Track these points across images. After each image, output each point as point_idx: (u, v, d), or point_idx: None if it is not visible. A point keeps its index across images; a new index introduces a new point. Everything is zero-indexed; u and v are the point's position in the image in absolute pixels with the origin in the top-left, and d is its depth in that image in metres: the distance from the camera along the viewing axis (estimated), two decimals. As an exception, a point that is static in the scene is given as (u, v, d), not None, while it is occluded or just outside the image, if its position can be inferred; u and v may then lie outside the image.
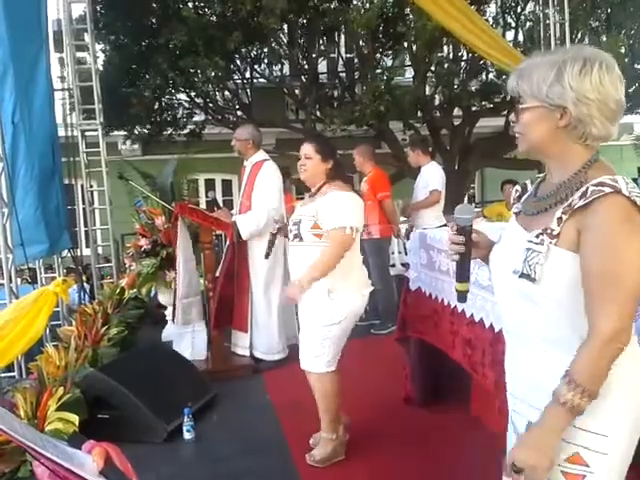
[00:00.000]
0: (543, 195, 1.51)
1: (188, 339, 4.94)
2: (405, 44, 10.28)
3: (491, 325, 2.80)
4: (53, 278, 5.03)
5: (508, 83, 1.51)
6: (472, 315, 3.00)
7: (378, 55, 11.15)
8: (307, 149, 3.28)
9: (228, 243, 5.11)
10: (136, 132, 11.38)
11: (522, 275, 1.44)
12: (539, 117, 1.44)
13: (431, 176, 5.98)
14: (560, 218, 1.40)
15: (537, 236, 1.42)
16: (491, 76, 11.07)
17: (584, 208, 1.36)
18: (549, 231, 1.40)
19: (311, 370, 3.22)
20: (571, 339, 1.42)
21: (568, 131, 1.42)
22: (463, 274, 1.68)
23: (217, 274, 5.14)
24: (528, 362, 1.53)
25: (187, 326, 4.97)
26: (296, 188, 13.13)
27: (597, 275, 1.34)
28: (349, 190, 3.24)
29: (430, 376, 3.84)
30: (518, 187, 1.67)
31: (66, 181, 6.64)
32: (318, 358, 3.17)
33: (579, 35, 9.70)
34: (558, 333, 1.45)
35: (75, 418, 3.30)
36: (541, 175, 1.62)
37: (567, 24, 7.69)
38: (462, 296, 1.71)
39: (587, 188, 1.36)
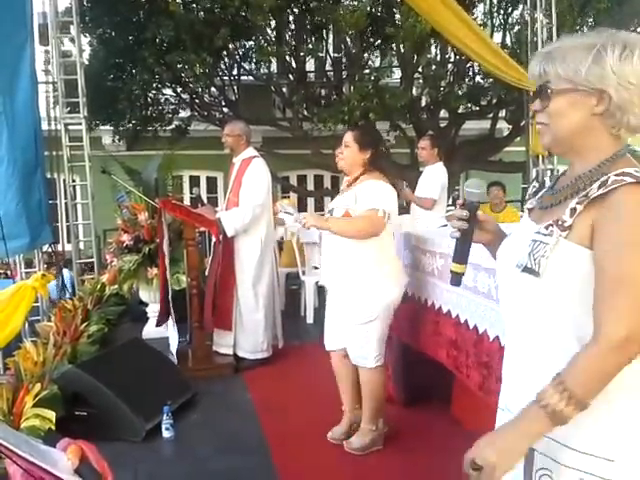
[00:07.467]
0: (560, 187, 1.38)
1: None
2: (393, 45, 10.29)
3: (475, 326, 2.78)
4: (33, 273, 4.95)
5: (531, 68, 1.37)
6: (457, 316, 2.99)
7: (366, 55, 11.17)
8: (347, 137, 3.33)
9: (214, 241, 5.06)
10: (121, 128, 11.29)
11: (525, 269, 1.30)
12: (573, 102, 1.31)
13: (435, 180, 5.81)
14: (574, 209, 1.27)
15: (546, 227, 1.30)
16: (478, 79, 11.12)
17: (601, 199, 1.23)
18: (560, 222, 1.27)
19: (361, 366, 3.28)
20: (575, 349, 1.27)
21: (604, 119, 1.30)
22: (462, 255, 1.54)
23: (206, 273, 5.09)
24: (527, 372, 1.38)
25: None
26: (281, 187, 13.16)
27: (611, 277, 1.21)
28: (386, 181, 3.27)
29: (412, 376, 3.82)
30: (536, 183, 1.54)
31: (48, 175, 6.56)
32: (366, 354, 3.24)
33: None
34: (562, 340, 1.30)
35: (52, 415, 3.24)
36: (561, 169, 1.49)
37: (554, 27, 7.73)
38: (456, 278, 1.57)
39: (608, 178, 1.23)
